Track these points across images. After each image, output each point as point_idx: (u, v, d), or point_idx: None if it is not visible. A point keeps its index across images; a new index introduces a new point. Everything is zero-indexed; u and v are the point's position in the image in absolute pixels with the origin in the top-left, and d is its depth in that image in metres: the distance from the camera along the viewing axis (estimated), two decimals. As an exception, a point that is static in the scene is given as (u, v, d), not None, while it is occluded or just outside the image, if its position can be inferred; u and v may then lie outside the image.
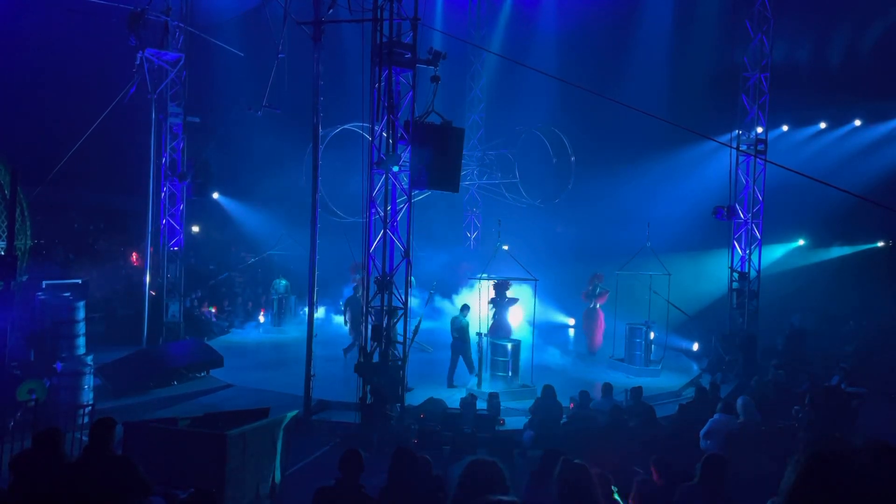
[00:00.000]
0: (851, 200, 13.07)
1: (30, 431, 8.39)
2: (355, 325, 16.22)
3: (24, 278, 13.01)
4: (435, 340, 17.38)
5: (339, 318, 19.30)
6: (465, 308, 14.62)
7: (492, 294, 14.79)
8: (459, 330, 14.31)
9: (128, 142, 18.15)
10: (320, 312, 19.96)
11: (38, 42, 20.31)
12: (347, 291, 18.50)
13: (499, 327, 14.52)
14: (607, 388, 11.36)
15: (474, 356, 14.15)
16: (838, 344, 17.27)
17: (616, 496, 5.32)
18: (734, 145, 15.14)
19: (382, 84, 11.27)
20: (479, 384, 13.63)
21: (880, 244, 22.80)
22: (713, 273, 18.80)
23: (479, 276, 15.10)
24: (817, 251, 22.90)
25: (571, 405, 11.07)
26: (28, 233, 13.25)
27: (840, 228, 22.26)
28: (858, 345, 16.83)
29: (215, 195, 23.85)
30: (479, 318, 14.41)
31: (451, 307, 18.61)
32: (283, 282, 20.84)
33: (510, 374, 13.61)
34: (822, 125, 22.70)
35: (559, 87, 20.21)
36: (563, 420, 10.57)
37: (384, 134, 11.47)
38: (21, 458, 6.02)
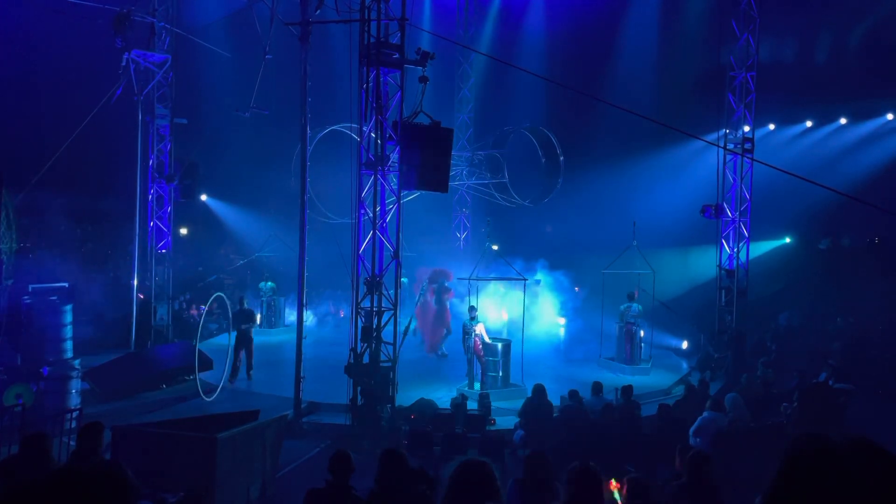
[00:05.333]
0: (838, 198, 13.18)
1: (17, 436, 8.32)
2: None
3: (10, 282, 12.91)
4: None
5: None
6: (632, 294, 16.39)
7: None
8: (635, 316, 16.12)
9: (115, 144, 18.02)
10: None
11: (22, 43, 20.13)
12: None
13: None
14: (597, 387, 11.39)
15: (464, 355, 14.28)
16: (825, 341, 17.39)
17: (616, 496, 5.34)
18: (721, 144, 15.21)
19: (370, 85, 11.25)
20: (470, 384, 13.64)
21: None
22: (702, 270, 18.91)
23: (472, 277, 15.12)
24: (804, 248, 23.07)
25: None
26: (14, 236, 13.14)
27: (827, 226, 22.43)
28: (845, 342, 16.95)
29: (203, 197, 23.71)
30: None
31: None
32: (270, 284, 20.73)
33: (500, 373, 13.63)
34: (808, 124, 22.87)
35: (548, 86, 20.28)
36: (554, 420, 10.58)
37: (373, 135, 11.45)
38: (8, 463, 5.96)
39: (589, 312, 18.56)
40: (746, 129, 15.78)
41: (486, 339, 13.81)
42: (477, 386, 13.56)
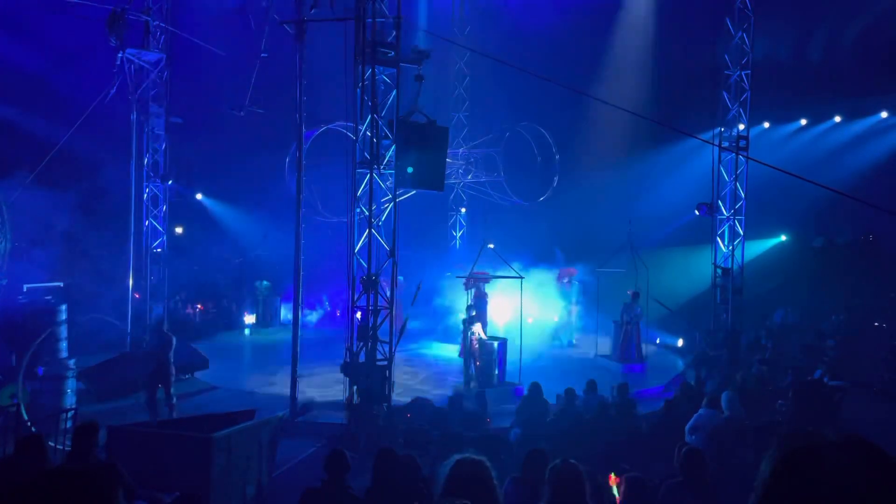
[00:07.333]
0: (832, 196, 13.22)
1: (12, 437, 8.30)
2: None
3: (4, 282, 12.87)
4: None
5: None
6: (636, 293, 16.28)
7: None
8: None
9: (110, 143, 17.95)
10: None
11: (17, 42, 20.03)
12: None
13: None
14: (592, 385, 11.41)
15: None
16: (820, 338, 17.45)
17: (614, 491, 5.35)
18: (716, 142, 15.23)
19: (366, 83, 11.24)
20: (467, 383, 13.65)
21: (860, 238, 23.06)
22: (697, 269, 18.95)
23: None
24: (799, 246, 23.13)
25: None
26: (8, 235, 13.09)
27: (821, 224, 22.50)
28: (840, 339, 17.01)
29: (199, 196, 23.66)
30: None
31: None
32: (266, 283, 20.72)
33: (496, 372, 13.65)
34: (803, 122, 22.92)
35: (544, 85, 20.21)
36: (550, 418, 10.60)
37: (368, 133, 11.44)
38: (3, 464, 5.95)
39: (586, 310, 18.61)
40: (741, 127, 15.80)
41: (483, 337, 13.82)
42: (473, 384, 13.57)
